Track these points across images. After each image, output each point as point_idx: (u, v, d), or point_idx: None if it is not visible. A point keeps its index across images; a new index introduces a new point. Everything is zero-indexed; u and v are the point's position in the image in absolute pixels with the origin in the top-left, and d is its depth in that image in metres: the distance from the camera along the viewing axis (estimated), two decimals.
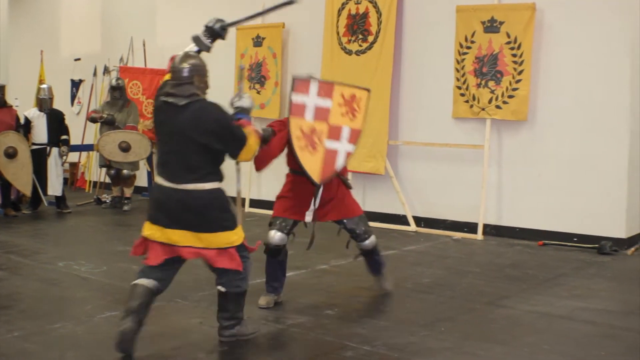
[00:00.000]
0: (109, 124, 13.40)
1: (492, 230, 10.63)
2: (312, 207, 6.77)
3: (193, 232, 5.41)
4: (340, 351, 5.58)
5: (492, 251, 9.73)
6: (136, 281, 5.50)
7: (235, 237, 5.52)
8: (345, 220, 6.99)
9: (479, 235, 10.48)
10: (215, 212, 5.46)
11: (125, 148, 12.95)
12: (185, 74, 5.45)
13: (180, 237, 5.43)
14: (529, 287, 7.70)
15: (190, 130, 5.36)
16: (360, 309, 6.85)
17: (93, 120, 13.79)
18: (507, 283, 7.87)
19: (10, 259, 8.99)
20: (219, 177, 5.58)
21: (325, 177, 6.50)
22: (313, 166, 6.43)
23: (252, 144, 5.62)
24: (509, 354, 5.57)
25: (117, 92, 13.64)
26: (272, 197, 12.87)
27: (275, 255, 6.82)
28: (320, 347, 5.74)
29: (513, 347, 5.72)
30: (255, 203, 13.27)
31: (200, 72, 5.53)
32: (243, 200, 13.32)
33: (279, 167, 13.04)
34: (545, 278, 8.14)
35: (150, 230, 5.55)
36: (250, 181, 13.25)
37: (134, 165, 13.59)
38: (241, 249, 5.61)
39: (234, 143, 5.54)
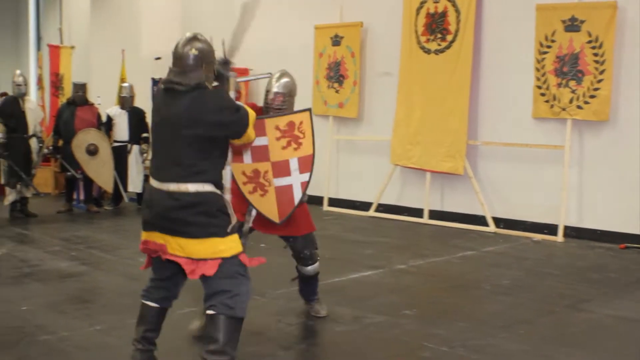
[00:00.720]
0: None
1: (572, 232, 10.47)
2: (250, 212, 6.07)
3: (175, 237, 4.64)
4: (418, 351, 5.57)
5: (572, 253, 9.60)
6: (144, 301, 5.04)
7: (223, 246, 4.63)
8: (291, 238, 6.31)
9: (559, 237, 10.34)
10: (201, 217, 4.62)
11: None
12: (191, 61, 4.71)
13: (164, 242, 4.71)
14: (611, 291, 7.58)
15: (185, 120, 4.58)
16: (439, 309, 6.79)
17: None
18: (588, 286, 7.75)
19: (92, 254, 9.16)
20: (211, 177, 4.68)
21: (285, 214, 5.97)
22: (268, 207, 5.94)
23: (250, 133, 4.85)
24: (589, 358, 5.50)
25: None
26: (350, 195, 13.01)
27: None
28: (397, 347, 5.73)
29: (593, 351, 5.64)
30: (333, 202, 13.28)
31: (208, 59, 4.80)
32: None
33: (359, 165, 13.08)
34: (627, 282, 8.01)
35: (143, 236, 4.88)
36: (329, 180, 13.26)
37: None
38: (234, 262, 4.68)
39: (235, 128, 4.74)
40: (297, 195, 5.93)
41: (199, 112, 4.58)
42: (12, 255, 9.15)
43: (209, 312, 4.64)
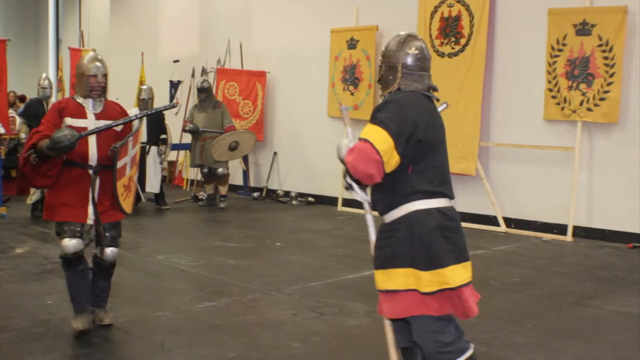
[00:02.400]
0: (192, 132, 13.75)
1: (581, 232, 10.64)
2: (90, 205, 6.01)
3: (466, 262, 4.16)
4: None
5: (581, 253, 9.77)
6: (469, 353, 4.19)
7: None
8: (106, 225, 6.16)
9: (569, 237, 10.50)
10: None
11: (234, 147, 13.31)
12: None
13: (468, 272, 4.15)
14: (617, 289, 7.76)
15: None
16: None
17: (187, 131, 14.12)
18: (595, 284, 7.94)
19: None
20: None
21: (132, 206, 6.35)
22: (129, 204, 6.20)
23: None
24: (593, 351, 5.68)
25: (203, 93, 13.94)
26: None
27: (76, 265, 6.06)
28: None
29: (597, 345, 5.84)
30: (347, 202, 13.50)
31: None
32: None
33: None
34: (634, 280, 8.16)
35: (453, 275, 4.03)
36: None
37: (227, 164, 13.95)
38: None
39: None
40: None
41: None
42: (35, 253, 9.40)
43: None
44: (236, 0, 16.43)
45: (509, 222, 11.25)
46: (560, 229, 10.67)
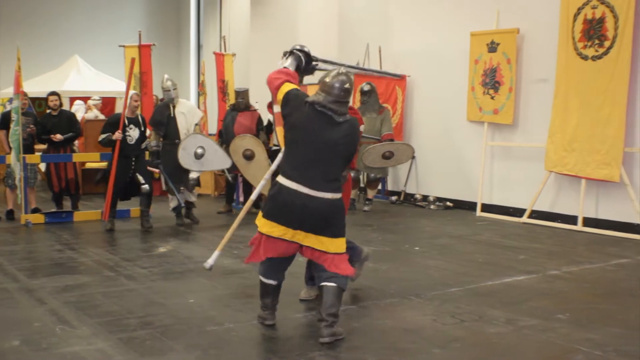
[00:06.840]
0: None
1: None
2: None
3: (316, 235, 5.91)
4: (571, 354, 5.65)
5: None
6: (266, 281, 6.29)
7: (345, 244, 6.10)
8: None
9: None
10: (340, 220, 6.04)
11: (388, 156, 13.17)
12: (348, 95, 5.93)
13: (304, 238, 5.92)
14: None
15: (343, 145, 5.87)
16: (592, 315, 6.81)
17: None
18: None
19: None
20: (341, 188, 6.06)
21: None
22: None
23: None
24: None
25: (364, 96, 13.86)
26: (503, 201, 13.02)
27: None
28: (550, 349, 5.83)
29: None
30: (486, 208, 13.34)
31: (352, 93, 6.04)
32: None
33: (513, 172, 13.05)
34: None
35: (272, 228, 5.92)
36: (483, 186, 13.34)
37: (384, 171, 13.98)
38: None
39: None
40: None
41: (353, 139, 6.04)
42: (177, 252, 9.67)
43: (332, 284, 6.01)
44: (375, 3, 16.47)
45: None
46: None
